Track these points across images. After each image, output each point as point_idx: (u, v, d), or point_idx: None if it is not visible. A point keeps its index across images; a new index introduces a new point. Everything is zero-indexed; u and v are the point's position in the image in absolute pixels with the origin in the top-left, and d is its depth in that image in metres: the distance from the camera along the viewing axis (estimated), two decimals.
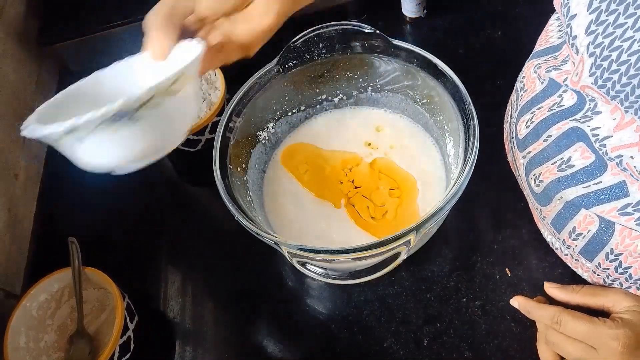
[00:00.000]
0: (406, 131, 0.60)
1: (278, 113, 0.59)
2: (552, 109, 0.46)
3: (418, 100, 0.57)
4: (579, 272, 0.51)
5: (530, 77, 0.50)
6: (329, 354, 0.52)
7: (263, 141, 0.59)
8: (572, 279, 0.52)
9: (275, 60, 0.54)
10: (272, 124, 0.59)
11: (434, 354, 0.50)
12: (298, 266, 0.50)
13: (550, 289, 0.49)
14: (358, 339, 0.52)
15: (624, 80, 0.35)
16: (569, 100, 0.44)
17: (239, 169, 0.53)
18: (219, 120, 0.52)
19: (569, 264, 0.52)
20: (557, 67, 0.46)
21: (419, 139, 0.59)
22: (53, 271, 0.53)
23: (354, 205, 0.55)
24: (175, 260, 0.60)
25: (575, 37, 0.38)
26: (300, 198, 0.57)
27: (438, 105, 0.54)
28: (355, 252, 0.42)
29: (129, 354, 0.51)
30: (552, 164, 0.46)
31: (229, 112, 0.52)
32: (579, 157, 0.43)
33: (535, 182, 0.49)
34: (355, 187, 0.56)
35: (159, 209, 0.65)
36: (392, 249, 0.43)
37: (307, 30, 0.54)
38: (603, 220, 0.43)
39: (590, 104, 0.41)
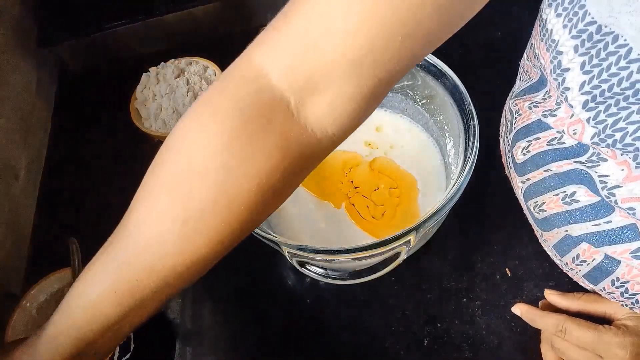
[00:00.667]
0: (406, 131, 0.60)
1: None
2: (552, 144, 0.43)
3: (418, 100, 0.57)
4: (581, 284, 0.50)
5: (524, 108, 0.47)
6: (329, 354, 0.52)
7: None
8: (572, 279, 0.52)
9: None
10: None
11: (434, 354, 0.50)
12: (298, 266, 0.50)
13: (551, 295, 0.49)
14: (358, 339, 0.52)
15: (631, 149, 0.33)
16: (570, 140, 0.41)
17: None
18: None
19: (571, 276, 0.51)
20: (553, 113, 0.42)
21: (419, 139, 0.59)
22: (53, 271, 0.53)
23: (354, 205, 0.55)
24: None
25: (572, 107, 0.36)
26: (300, 197, 0.57)
27: (438, 105, 0.54)
28: (355, 252, 0.42)
29: (129, 354, 0.51)
30: (554, 195, 0.44)
31: None
32: (583, 194, 0.41)
33: (536, 210, 0.47)
34: (355, 187, 0.56)
35: None
36: (392, 249, 0.43)
37: None
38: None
39: (594, 149, 0.38)
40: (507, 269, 0.53)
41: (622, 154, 0.35)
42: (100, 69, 0.78)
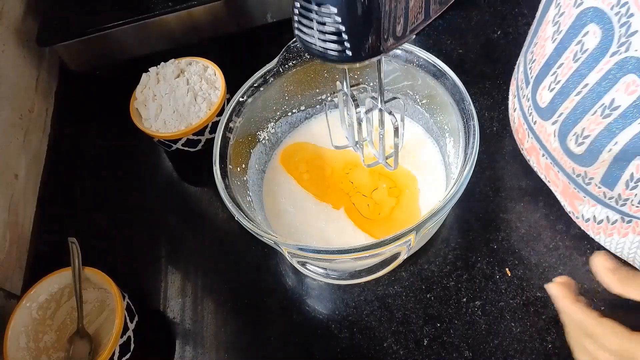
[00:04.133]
0: (406, 131, 0.60)
1: (278, 113, 0.59)
2: (578, 59, 0.43)
3: (418, 100, 0.57)
4: (614, 245, 0.48)
5: (541, 43, 0.47)
6: (329, 354, 0.52)
7: (263, 141, 0.59)
8: (573, 277, 0.51)
9: (275, 60, 0.55)
10: (272, 124, 0.59)
11: (434, 354, 0.50)
12: (298, 266, 0.50)
13: (598, 265, 0.41)
14: (358, 339, 0.52)
15: None
16: (593, 39, 0.41)
17: (239, 169, 0.53)
18: (219, 120, 0.52)
19: (602, 241, 0.50)
20: None
21: (419, 139, 0.59)
22: (53, 271, 0.53)
23: (354, 204, 0.55)
24: (175, 260, 0.60)
25: None
26: (300, 198, 0.57)
27: (438, 105, 0.54)
28: (355, 252, 0.42)
29: (129, 354, 0.51)
30: (592, 115, 0.43)
31: (229, 112, 0.52)
32: (623, 94, 0.40)
33: (577, 142, 0.46)
34: (355, 187, 0.56)
35: (159, 209, 0.65)
36: (392, 249, 0.43)
37: None
38: None
39: (621, 30, 0.38)
40: (507, 269, 0.54)
41: None
42: (100, 69, 0.78)
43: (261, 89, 0.55)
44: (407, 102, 0.58)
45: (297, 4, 0.34)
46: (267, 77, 0.55)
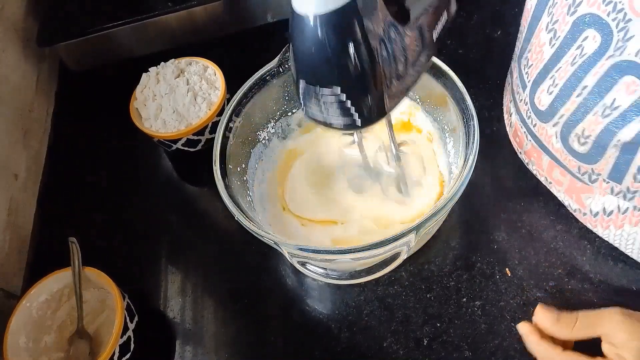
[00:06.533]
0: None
1: (278, 113, 0.59)
2: (576, 62, 0.44)
3: (418, 100, 0.57)
4: (624, 238, 0.48)
5: (537, 49, 0.48)
6: (329, 354, 0.52)
7: (263, 141, 0.59)
8: (573, 277, 0.52)
9: (276, 60, 0.55)
10: (272, 124, 0.59)
11: (434, 354, 0.50)
12: (298, 266, 0.50)
13: (542, 322, 0.45)
14: (358, 338, 0.52)
15: None
16: (592, 44, 0.42)
17: (239, 169, 0.53)
18: (219, 120, 0.52)
19: (611, 236, 0.50)
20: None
21: (419, 139, 0.59)
22: (53, 271, 0.53)
23: None
24: (175, 260, 0.60)
25: None
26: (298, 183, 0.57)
27: (438, 105, 0.54)
28: (355, 252, 0.42)
29: (129, 354, 0.51)
30: (593, 115, 0.44)
31: (229, 112, 0.52)
32: (623, 95, 0.41)
33: (580, 142, 0.46)
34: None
35: (159, 209, 0.65)
36: (392, 249, 0.43)
37: None
38: None
39: (619, 35, 0.39)
40: (507, 269, 0.53)
41: None
42: (100, 69, 0.78)
43: (261, 88, 0.55)
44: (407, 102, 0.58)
45: (301, 85, 0.36)
46: (267, 77, 0.55)
